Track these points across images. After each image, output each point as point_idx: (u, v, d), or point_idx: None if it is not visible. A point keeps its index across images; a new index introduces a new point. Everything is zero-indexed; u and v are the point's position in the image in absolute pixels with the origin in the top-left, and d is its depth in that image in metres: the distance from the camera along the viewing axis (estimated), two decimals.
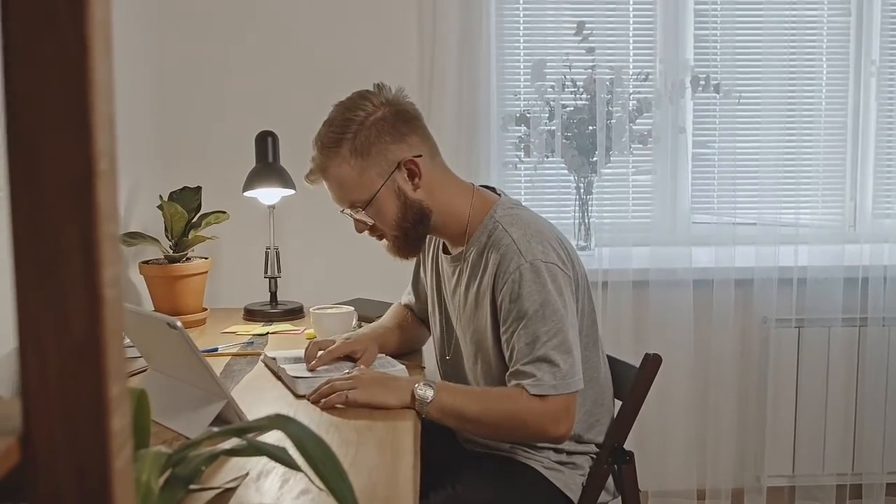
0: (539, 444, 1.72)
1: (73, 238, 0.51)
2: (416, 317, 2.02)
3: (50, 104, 0.50)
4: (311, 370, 1.72)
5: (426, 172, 1.69)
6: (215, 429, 0.96)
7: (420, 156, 1.68)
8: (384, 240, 1.75)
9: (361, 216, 1.71)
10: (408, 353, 2.00)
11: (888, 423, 2.88)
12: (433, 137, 1.75)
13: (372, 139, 1.64)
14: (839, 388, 2.86)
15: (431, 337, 1.94)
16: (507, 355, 1.64)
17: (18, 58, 0.49)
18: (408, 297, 2.06)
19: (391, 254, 1.76)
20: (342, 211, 1.75)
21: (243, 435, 0.93)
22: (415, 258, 1.81)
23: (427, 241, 1.88)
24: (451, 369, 1.85)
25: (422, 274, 1.98)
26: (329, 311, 2.09)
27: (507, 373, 1.62)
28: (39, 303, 0.51)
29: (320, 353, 1.77)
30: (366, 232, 1.75)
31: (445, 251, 1.83)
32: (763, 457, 2.89)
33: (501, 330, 1.65)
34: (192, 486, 1.06)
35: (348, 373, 1.63)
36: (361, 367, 1.69)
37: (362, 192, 1.67)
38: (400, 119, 1.68)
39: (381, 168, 1.66)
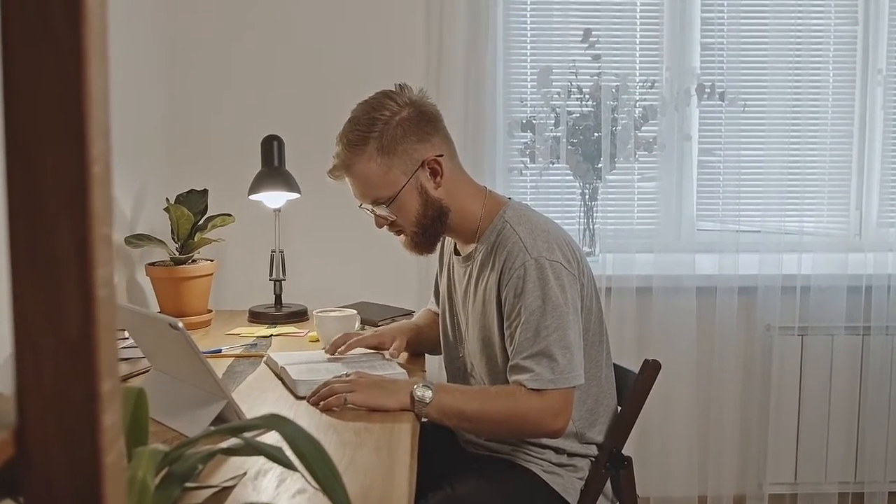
0: (540, 445, 1.73)
1: (67, 240, 0.53)
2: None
3: (46, 111, 0.52)
4: (338, 355, 1.87)
5: (447, 171, 1.73)
6: (213, 427, 0.98)
7: (442, 155, 1.72)
8: (402, 235, 1.78)
9: (383, 212, 1.75)
10: (434, 352, 2.04)
11: (891, 431, 2.88)
12: (451, 138, 1.78)
13: (398, 138, 1.68)
14: (842, 397, 2.86)
15: (441, 339, 1.96)
16: (509, 349, 1.66)
17: (16, 66, 0.51)
18: (431, 303, 2.10)
19: (408, 249, 1.80)
20: (361, 206, 1.79)
21: (239, 434, 0.94)
22: (430, 254, 1.84)
23: (443, 245, 1.91)
24: (461, 365, 1.87)
25: (438, 279, 2.01)
26: (332, 313, 2.11)
27: (508, 366, 1.65)
28: (34, 302, 0.53)
29: (351, 341, 1.89)
30: (384, 227, 1.78)
31: (456, 253, 1.86)
32: (765, 464, 2.89)
33: (505, 325, 1.67)
34: (189, 484, 1.08)
35: (347, 375, 1.65)
36: (359, 370, 1.71)
37: (387, 188, 1.71)
38: (423, 119, 1.72)
39: (406, 166, 1.70)
